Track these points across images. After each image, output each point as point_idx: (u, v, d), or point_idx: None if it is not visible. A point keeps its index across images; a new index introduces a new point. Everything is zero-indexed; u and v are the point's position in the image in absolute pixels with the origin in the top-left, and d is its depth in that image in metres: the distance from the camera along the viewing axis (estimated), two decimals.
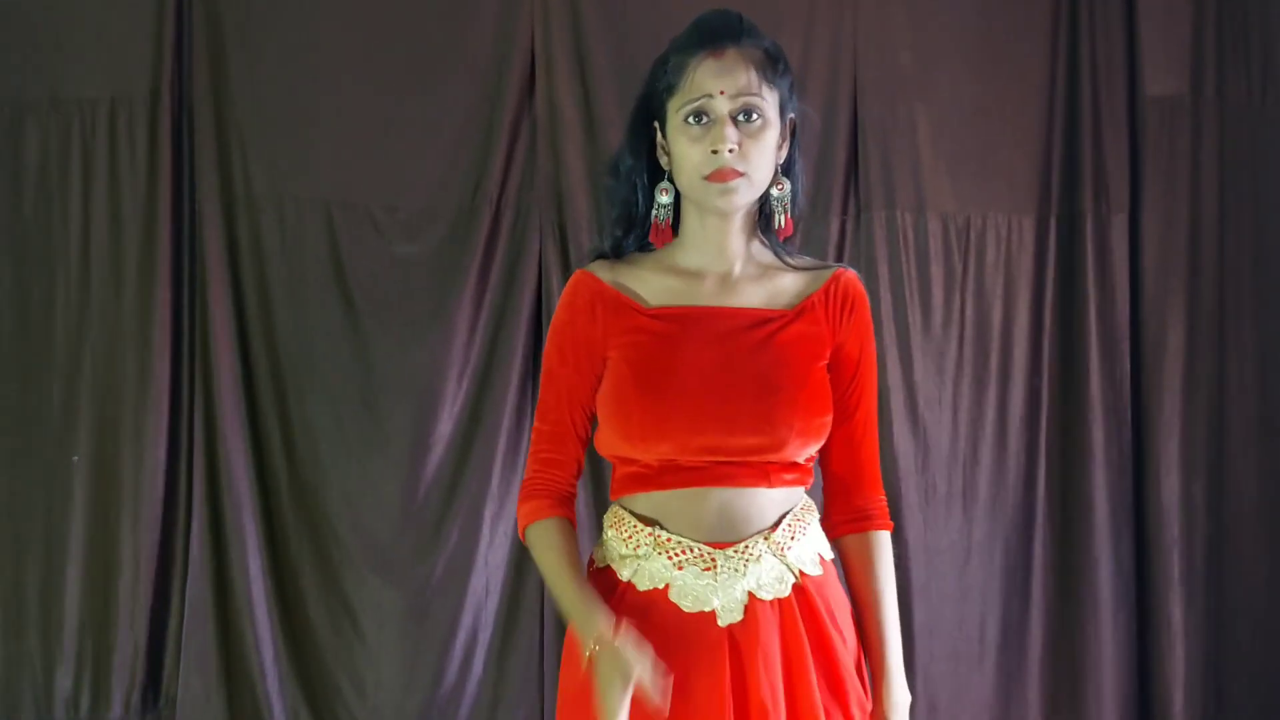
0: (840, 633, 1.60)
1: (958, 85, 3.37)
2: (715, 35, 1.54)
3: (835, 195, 3.33)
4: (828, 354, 1.61)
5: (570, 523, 1.62)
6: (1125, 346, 3.38)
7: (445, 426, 3.25)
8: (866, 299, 1.66)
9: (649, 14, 3.23)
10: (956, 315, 3.38)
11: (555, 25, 3.25)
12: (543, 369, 1.66)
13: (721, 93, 1.51)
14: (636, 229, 1.64)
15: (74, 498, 3.19)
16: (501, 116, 3.26)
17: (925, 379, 3.36)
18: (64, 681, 3.19)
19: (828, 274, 1.64)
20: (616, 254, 1.65)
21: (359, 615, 3.22)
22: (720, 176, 1.52)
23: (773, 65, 1.55)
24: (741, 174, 1.52)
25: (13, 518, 3.21)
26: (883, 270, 3.33)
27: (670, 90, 1.54)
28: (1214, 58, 3.37)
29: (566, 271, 3.08)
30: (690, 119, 1.52)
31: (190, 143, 3.26)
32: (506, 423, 3.28)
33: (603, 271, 1.64)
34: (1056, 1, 3.38)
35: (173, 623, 3.23)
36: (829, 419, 1.60)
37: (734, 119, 1.52)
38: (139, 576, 3.19)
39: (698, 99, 1.52)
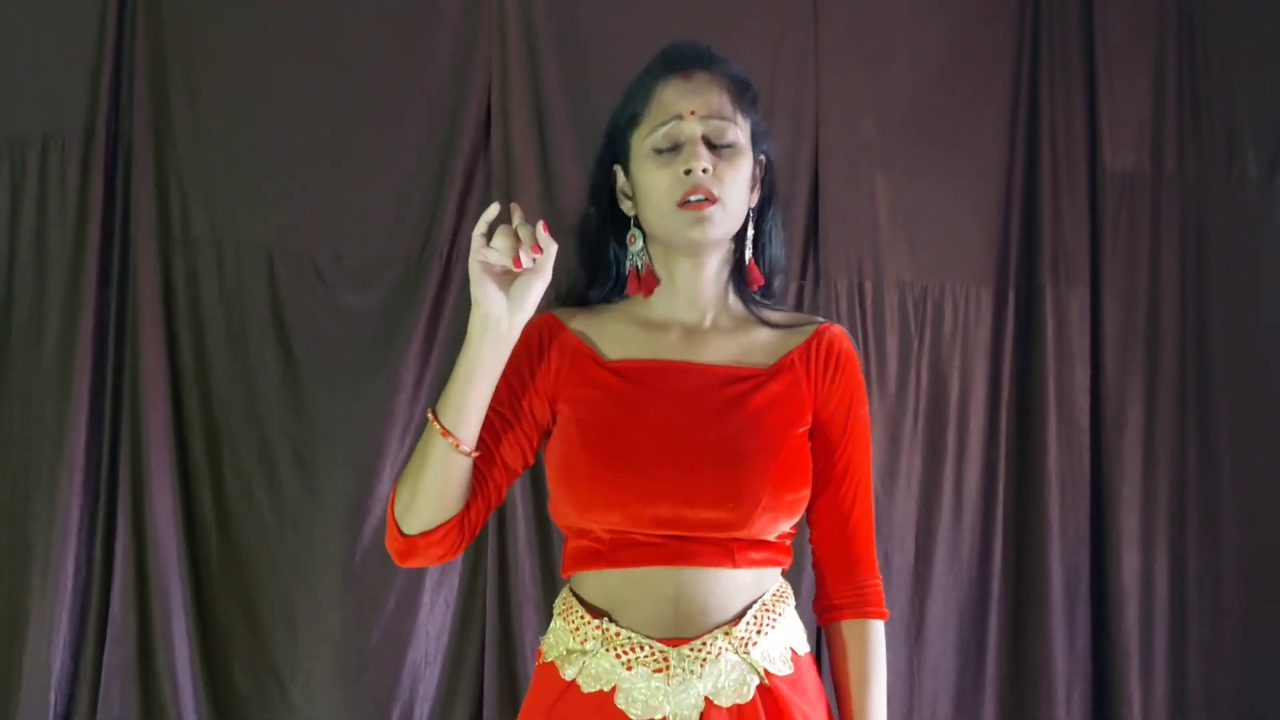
0: None
1: (918, 154, 3.38)
2: (683, 59, 1.45)
3: (794, 260, 3.31)
4: (808, 418, 1.47)
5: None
6: (1084, 419, 3.38)
7: (386, 486, 3.15)
8: (855, 356, 1.52)
9: (608, 66, 3.15)
10: (912, 385, 3.37)
11: (513, 74, 3.22)
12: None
13: (692, 113, 1.41)
14: (601, 280, 1.52)
15: None
16: (454, 165, 3.21)
17: (880, 449, 3.29)
18: None
19: (810, 329, 1.50)
20: (581, 303, 1.53)
21: (288, 684, 3.09)
22: (695, 203, 1.40)
23: (744, 93, 1.47)
24: (716, 198, 1.40)
25: None
26: None
27: (634, 120, 1.44)
28: (1174, 132, 3.43)
29: None
30: (659, 148, 1.41)
31: (126, 182, 3.16)
32: None
33: (567, 317, 1.51)
34: (1017, 73, 3.42)
35: (84, 689, 3.05)
36: (805, 493, 1.45)
37: (706, 141, 1.41)
38: (50, 639, 3.01)
39: (666, 122, 1.41)
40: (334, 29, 3.19)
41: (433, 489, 1.37)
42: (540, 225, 1.33)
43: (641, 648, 1.38)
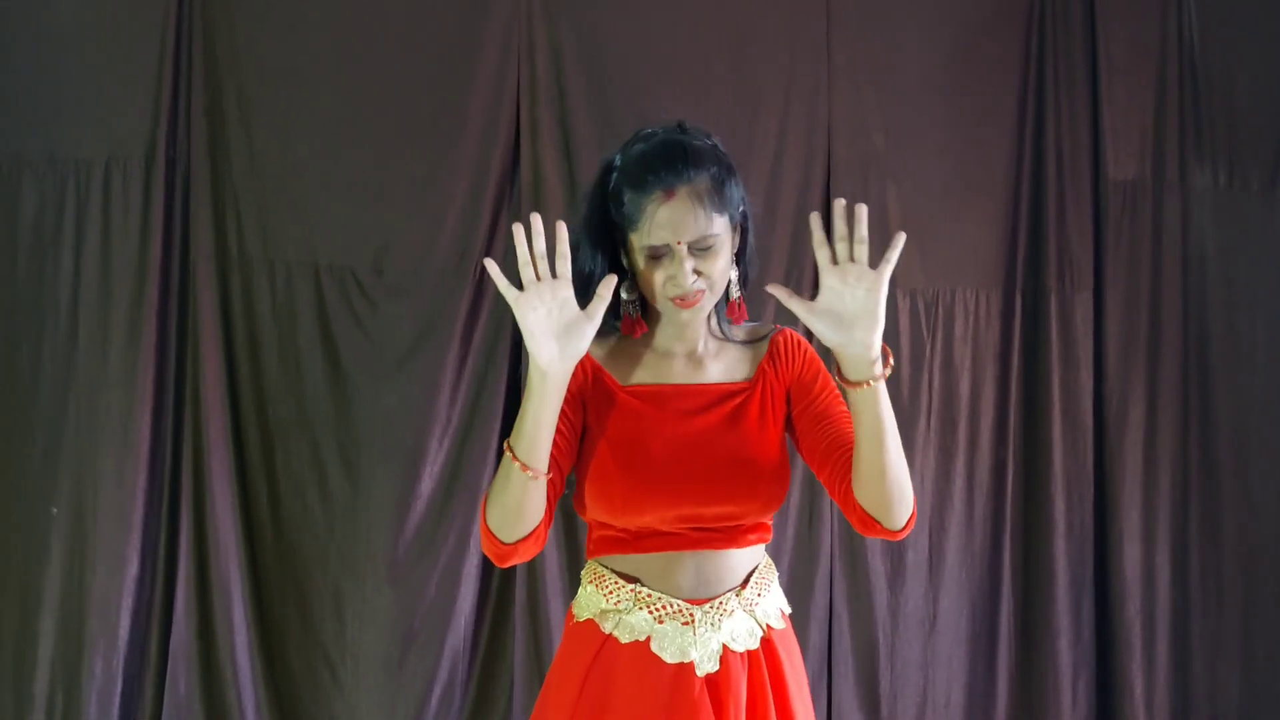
0: (799, 685, 1.71)
1: (927, 166, 3.45)
2: (665, 176, 1.60)
3: (807, 268, 3.38)
4: (785, 407, 1.72)
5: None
6: (1088, 420, 3.44)
7: (426, 485, 3.29)
8: (804, 341, 1.76)
9: (630, 88, 3.34)
10: (925, 387, 3.43)
11: (541, 98, 3.32)
12: None
13: (679, 242, 1.59)
14: (608, 317, 1.69)
15: (50, 548, 3.20)
16: (488, 184, 3.32)
17: None
18: None
19: (768, 338, 1.75)
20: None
21: (338, 666, 3.24)
22: (683, 303, 1.62)
23: (720, 190, 1.62)
24: (702, 291, 1.62)
25: None
26: None
27: (631, 224, 1.62)
28: (1175, 143, 3.48)
29: None
30: (652, 256, 1.62)
31: (184, 203, 3.30)
32: (485, 481, 3.31)
33: (591, 346, 1.69)
34: (1023, 87, 3.48)
35: (150, 673, 3.23)
36: (788, 482, 1.71)
37: (691, 251, 1.60)
38: (114, 627, 3.20)
39: (658, 246, 1.60)
40: (375, 60, 3.32)
41: (520, 508, 1.57)
42: (558, 225, 1.52)
43: (670, 605, 1.66)
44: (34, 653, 3.19)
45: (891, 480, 1.56)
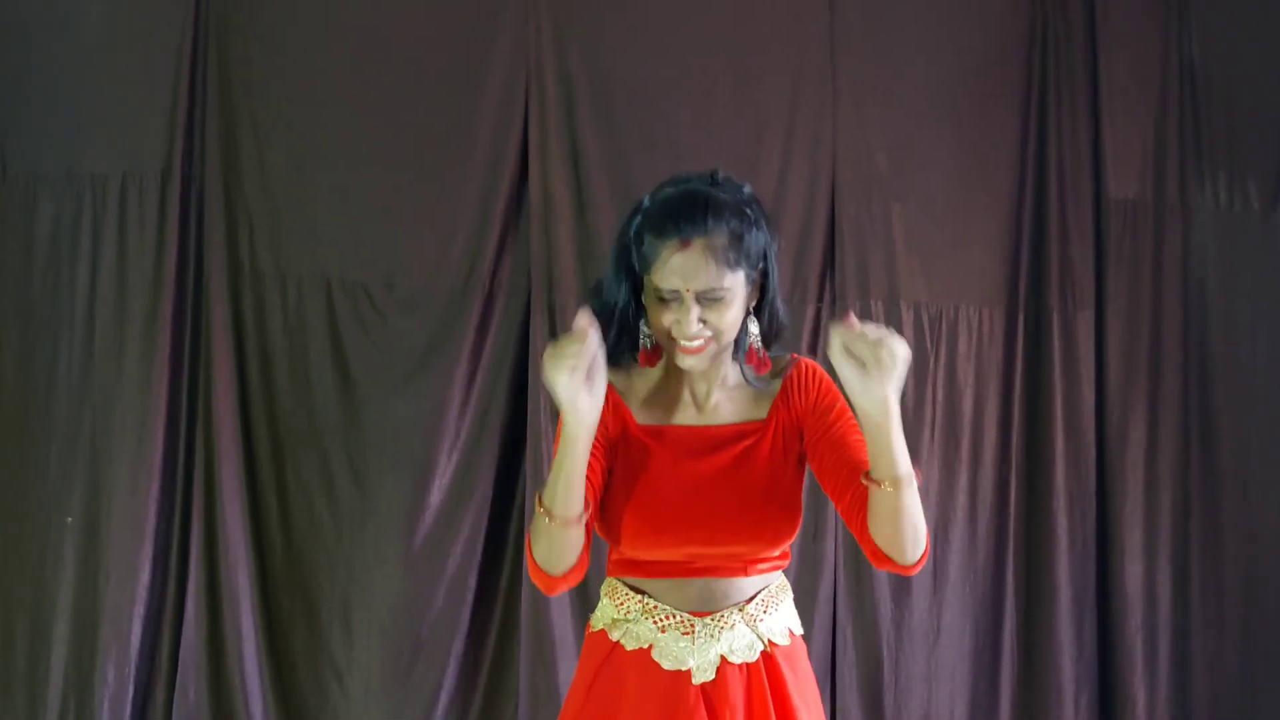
0: (805, 701, 1.73)
1: (931, 186, 3.48)
2: (684, 226, 1.63)
3: (812, 285, 3.43)
4: (798, 442, 1.73)
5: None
6: (1090, 437, 3.46)
7: (435, 496, 3.32)
8: (819, 370, 1.76)
9: (637, 110, 3.39)
10: (929, 403, 3.45)
11: (550, 118, 3.37)
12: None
13: (688, 290, 1.63)
14: (627, 347, 1.75)
15: (65, 557, 3.25)
16: (497, 202, 3.36)
17: None
18: None
19: (783, 376, 1.75)
20: (616, 362, 1.75)
21: (346, 675, 3.26)
22: (686, 350, 1.66)
23: (737, 246, 1.65)
24: (708, 338, 1.65)
25: (4, 574, 3.27)
26: None
27: (646, 266, 1.67)
28: (1176, 163, 3.52)
29: None
30: (662, 297, 1.66)
31: (198, 219, 3.35)
32: (492, 494, 3.35)
33: (611, 375, 1.72)
34: (1025, 108, 3.52)
35: (160, 681, 3.26)
36: (799, 516, 1.73)
37: (699, 300, 1.63)
38: (126, 635, 3.23)
39: (667, 290, 1.64)
40: (386, 81, 3.37)
41: (563, 549, 1.61)
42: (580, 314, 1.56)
43: (673, 616, 1.71)
44: (47, 659, 3.23)
45: (907, 523, 1.56)
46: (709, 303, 1.64)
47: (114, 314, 3.32)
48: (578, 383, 1.52)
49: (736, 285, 1.66)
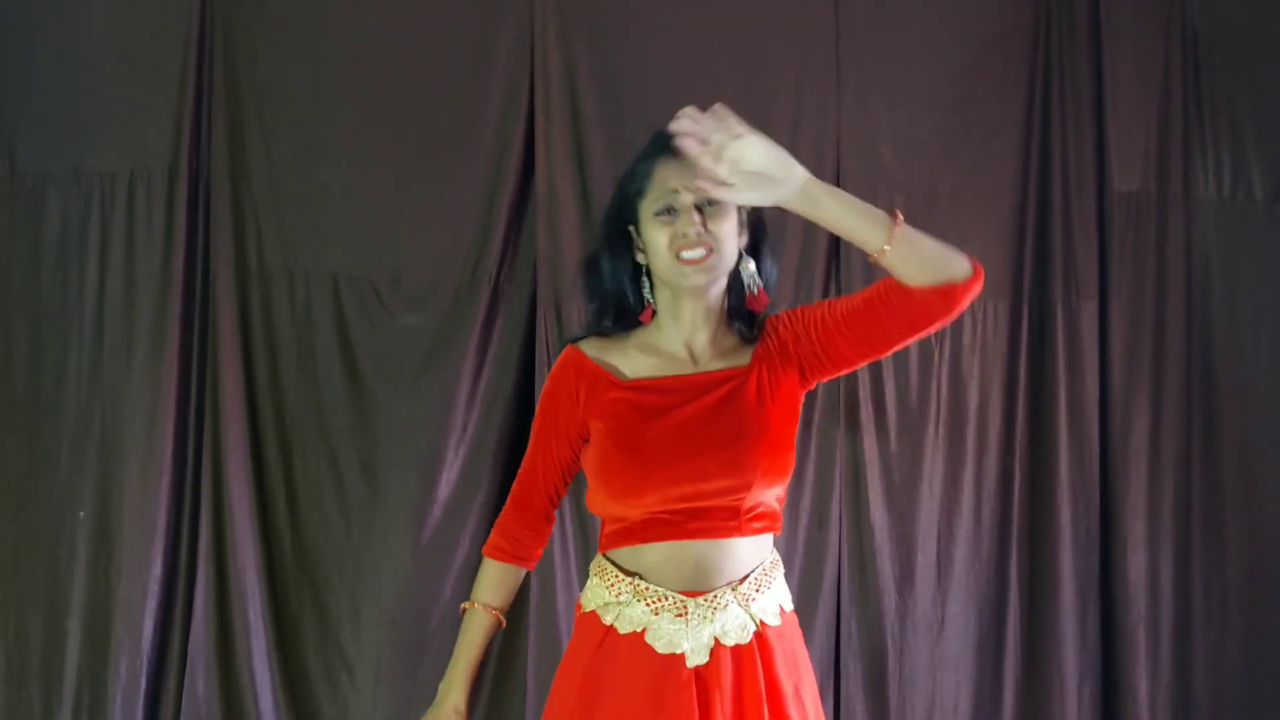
0: (793, 679, 1.78)
1: (935, 178, 3.49)
2: (671, 143, 1.68)
3: (818, 278, 3.44)
4: (786, 376, 1.80)
5: (514, 569, 1.95)
6: (1094, 429, 3.47)
7: (443, 490, 3.35)
8: (782, 312, 1.87)
9: (643, 105, 3.38)
10: (934, 395, 3.47)
11: (555, 113, 3.37)
12: (532, 425, 1.88)
13: (684, 189, 1.72)
14: (622, 315, 1.84)
15: (78, 552, 3.28)
16: (502, 198, 3.37)
17: (902, 456, 3.45)
18: None
19: (762, 325, 1.85)
20: (603, 334, 1.86)
21: (355, 668, 3.29)
22: (691, 260, 1.73)
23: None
24: (710, 248, 1.73)
25: (18, 570, 3.30)
26: None
27: (640, 193, 1.76)
28: (1179, 156, 3.52)
29: (561, 343, 3.20)
30: (660, 213, 1.74)
31: (206, 216, 3.37)
32: (499, 487, 3.36)
33: (590, 348, 1.85)
34: (1029, 102, 3.52)
35: (171, 674, 3.29)
36: (791, 457, 1.80)
37: (698, 208, 1.73)
38: (138, 629, 3.26)
39: (665, 196, 1.74)
40: (392, 78, 3.38)
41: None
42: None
43: (666, 598, 1.74)
44: (62, 653, 3.27)
45: (929, 248, 1.66)
46: (706, 210, 1.72)
47: (123, 311, 3.34)
48: None
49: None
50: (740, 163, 1.54)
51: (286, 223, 3.37)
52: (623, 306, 1.85)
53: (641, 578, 1.76)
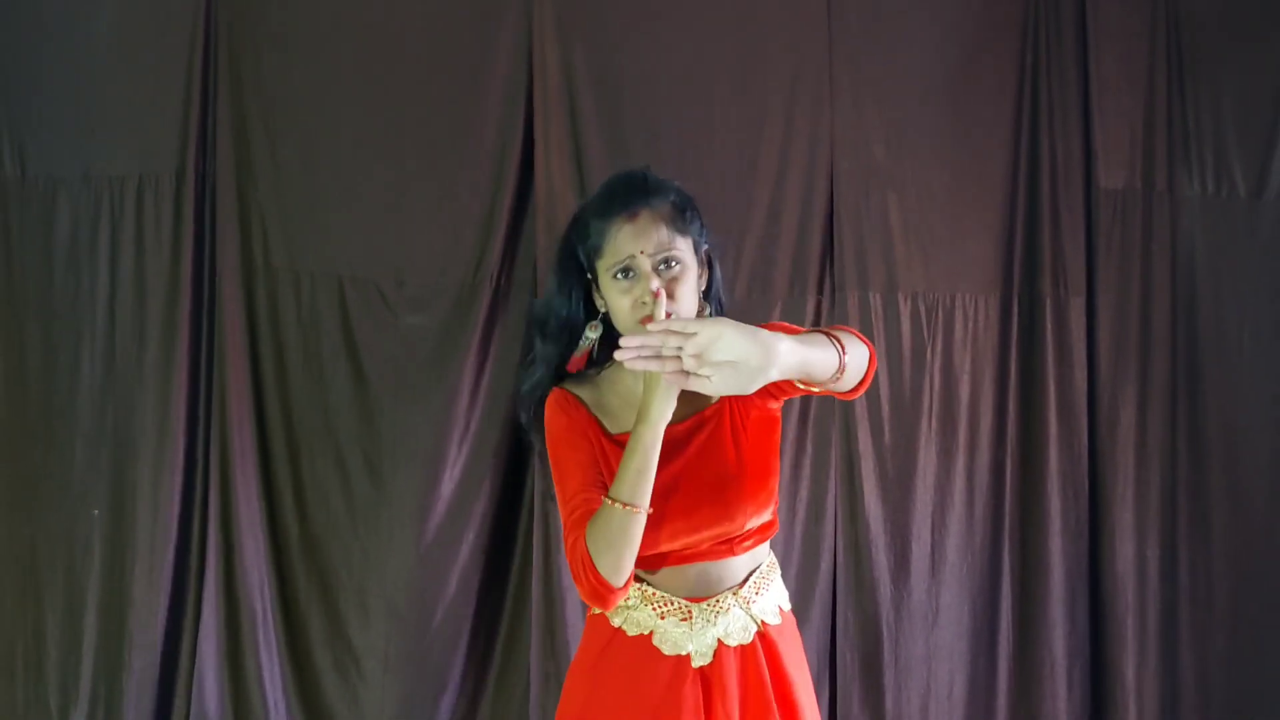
0: (799, 671, 1.85)
1: (927, 176, 3.53)
2: (628, 199, 1.75)
3: (811, 275, 3.48)
4: (755, 406, 1.82)
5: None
6: (1082, 421, 3.52)
7: (447, 487, 3.39)
8: None
9: (640, 106, 3.45)
10: (926, 389, 3.52)
11: (554, 117, 3.41)
12: (556, 470, 1.82)
13: (642, 252, 1.72)
14: (569, 353, 1.85)
15: (93, 549, 3.33)
16: (503, 199, 3.41)
17: (896, 449, 3.50)
18: None
19: None
20: (559, 379, 1.86)
21: (362, 660, 3.34)
22: (650, 321, 1.70)
23: (681, 215, 1.77)
24: (670, 314, 1.71)
25: (35, 567, 3.35)
26: None
27: (597, 252, 1.76)
28: (1164, 154, 3.57)
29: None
30: (618, 275, 1.74)
31: (212, 219, 3.41)
32: (501, 483, 3.42)
33: (575, 390, 1.85)
34: (1018, 102, 3.58)
35: (183, 665, 3.34)
36: (774, 481, 1.84)
37: (656, 270, 1.73)
38: (151, 623, 3.31)
39: (623, 260, 1.73)
40: (394, 81, 3.42)
41: (634, 546, 1.69)
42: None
43: (671, 603, 1.81)
44: (79, 648, 3.32)
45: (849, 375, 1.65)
46: (665, 273, 1.72)
47: (133, 313, 3.38)
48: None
49: (688, 252, 1.75)
50: (710, 353, 1.44)
51: (291, 225, 3.41)
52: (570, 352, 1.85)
53: (649, 584, 1.83)
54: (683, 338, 1.45)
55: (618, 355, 1.50)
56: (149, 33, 3.42)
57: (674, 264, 1.75)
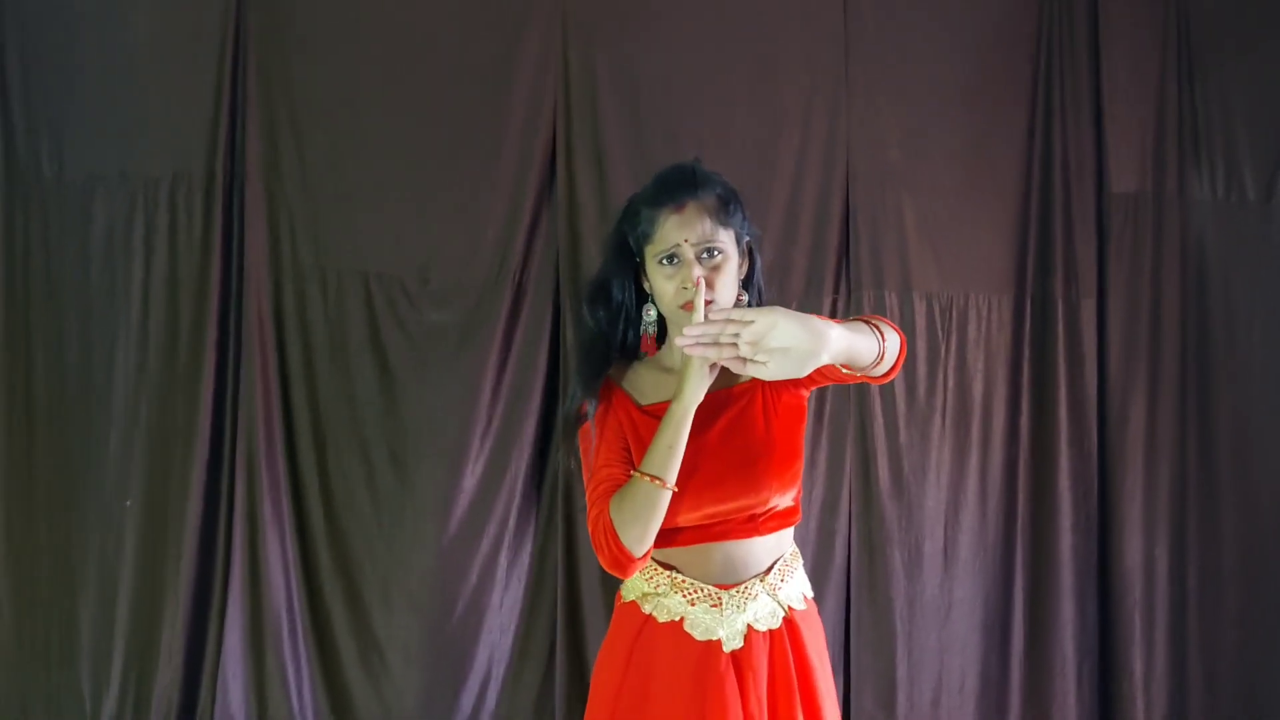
0: (820, 659, 1.91)
1: (942, 178, 3.58)
2: (676, 192, 1.84)
3: (828, 275, 3.53)
4: (786, 390, 1.89)
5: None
6: (1093, 420, 3.56)
7: (469, 480, 3.44)
8: None
9: (660, 109, 3.50)
10: (940, 388, 3.56)
11: (576, 119, 3.47)
12: (585, 449, 1.91)
13: (686, 241, 1.82)
14: (629, 341, 1.94)
15: (125, 539, 3.40)
16: (525, 198, 3.46)
17: (910, 446, 3.54)
18: (109, 706, 3.39)
19: None
20: (608, 360, 1.94)
21: (386, 650, 3.39)
22: (691, 307, 1.80)
23: (725, 208, 1.86)
24: (709, 302, 1.81)
25: (70, 555, 3.43)
26: None
27: (646, 238, 1.86)
28: (1175, 157, 3.61)
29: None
30: (663, 261, 1.84)
31: (241, 217, 3.47)
32: (522, 477, 3.47)
33: (612, 371, 1.94)
34: (1031, 105, 3.62)
35: (209, 651, 3.39)
36: (800, 462, 1.90)
37: (699, 258, 1.83)
38: (179, 611, 3.37)
39: (669, 248, 1.83)
40: (419, 84, 3.48)
41: (658, 520, 1.79)
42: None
43: (701, 590, 1.87)
44: (110, 635, 3.39)
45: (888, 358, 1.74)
46: (707, 261, 1.81)
47: (166, 308, 3.45)
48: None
49: (730, 244, 1.84)
50: (766, 341, 1.52)
51: (319, 223, 3.47)
52: (626, 333, 1.93)
53: (678, 571, 1.89)
54: (740, 325, 1.54)
55: (679, 342, 1.60)
56: (181, 38, 3.50)
57: (716, 253, 1.84)
